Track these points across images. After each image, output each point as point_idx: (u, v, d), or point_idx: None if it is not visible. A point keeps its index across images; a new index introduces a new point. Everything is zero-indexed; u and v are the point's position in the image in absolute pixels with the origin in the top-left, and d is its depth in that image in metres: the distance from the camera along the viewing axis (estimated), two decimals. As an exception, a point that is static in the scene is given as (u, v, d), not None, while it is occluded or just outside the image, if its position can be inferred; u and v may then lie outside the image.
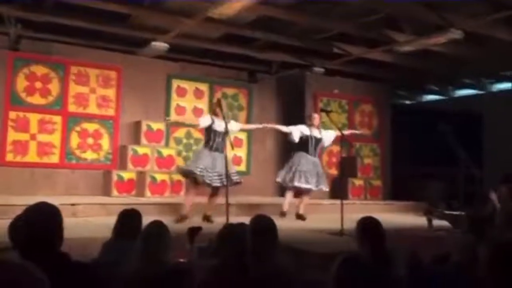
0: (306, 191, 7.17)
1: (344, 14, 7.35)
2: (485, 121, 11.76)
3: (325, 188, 7.38)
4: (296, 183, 6.99)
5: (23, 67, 7.97)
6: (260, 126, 7.75)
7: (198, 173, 6.17)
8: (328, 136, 7.33)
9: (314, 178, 7.06)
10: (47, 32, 8.02)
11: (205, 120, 6.55)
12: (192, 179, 6.37)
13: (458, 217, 6.04)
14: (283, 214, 6.97)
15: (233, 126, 6.80)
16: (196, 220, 5.93)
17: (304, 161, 7.07)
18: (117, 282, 2.20)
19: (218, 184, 6.26)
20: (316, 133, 7.23)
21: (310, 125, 7.28)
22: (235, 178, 6.45)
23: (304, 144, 7.15)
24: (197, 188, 6.42)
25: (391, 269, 2.55)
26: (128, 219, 3.16)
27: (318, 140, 7.21)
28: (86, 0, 6.80)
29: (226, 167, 5.74)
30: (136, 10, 7.15)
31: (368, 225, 2.91)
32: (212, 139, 6.40)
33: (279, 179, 7.24)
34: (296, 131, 7.17)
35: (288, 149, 9.85)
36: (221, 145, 6.32)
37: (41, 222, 1.91)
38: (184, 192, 8.43)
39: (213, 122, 6.40)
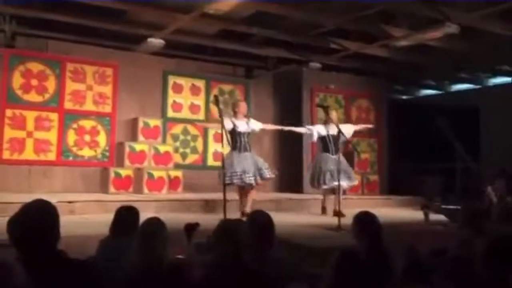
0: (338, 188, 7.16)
1: (341, 9, 7.33)
2: (482, 115, 11.78)
3: (353, 182, 7.38)
4: (323, 186, 7.06)
5: (19, 64, 7.94)
6: (279, 127, 7.76)
7: (239, 182, 6.36)
8: (346, 129, 7.18)
9: (342, 175, 6.91)
10: (42, 29, 7.99)
11: (227, 124, 6.46)
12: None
13: (454, 211, 6.07)
14: (324, 210, 7.19)
15: (254, 125, 6.78)
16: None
17: (325, 161, 7.09)
18: (114, 279, 2.20)
19: (253, 182, 6.44)
20: (333, 130, 7.07)
21: (326, 122, 7.22)
22: (268, 173, 6.62)
23: (324, 144, 7.22)
24: (242, 189, 6.55)
25: (388, 263, 2.56)
26: (125, 216, 3.15)
27: (336, 138, 7.10)
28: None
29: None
30: (132, 7, 7.12)
31: (365, 220, 2.92)
32: (239, 140, 6.49)
33: (315, 186, 7.28)
34: (314, 132, 7.21)
35: (284, 146, 9.93)
36: (248, 144, 6.53)
37: (37, 220, 1.90)
38: (181, 188, 8.49)
39: (234, 124, 6.44)
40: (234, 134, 6.47)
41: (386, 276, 2.43)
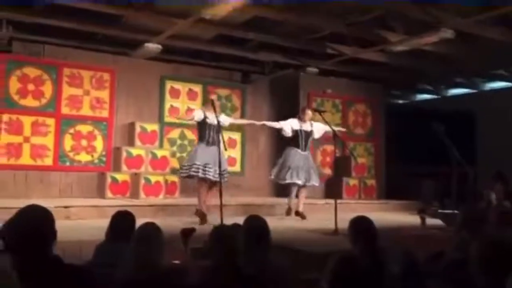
0: (301, 187, 7.17)
1: (337, 14, 7.37)
2: (478, 120, 11.83)
3: (316, 183, 7.29)
4: (288, 180, 7.00)
5: (15, 69, 7.93)
6: (250, 122, 7.74)
7: (200, 175, 6.23)
8: (318, 128, 7.31)
9: (305, 173, 7.05)
10: (39, 34, 7.99)
11: (198, 114, 6.53)
12: (197, 178, 6.38)
13: (451, 215, 6.07)
14: (288, 211, 7.05)
15: (224, 120, 6.79)
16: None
17: (294, 156, 7.08)
18: (110, 284, 2.20)
19: (211, 178, 6.26)
20: (306, 126, 7.23)
21: (301, 119, 7.28)
22: (225, 176, 6.37)
23: (295, 139, 7.19)
24: (205, 184, 6.40)
25: (384, 268, 2.56)
26: (121, 221, 3.15)
27: (309, 134, 7.22)
28: (78, 1, 6.77)
29: (220, 162, 5.72)
30: (129, 12, 7.13)
31: (360, 225, 2.92)
32: (207, 133, 6.42)
33: (272, 177, 7.26)
34: (288, 126, 7.20)
35: (281, 147, 9.92)
36: (217, 139, 6.34)
37: (31, 225, 1.89)
38: (178, 193, 8.46)
39: (206, 116, 6.41)
40: (203, 126, 6.43)
41: (382, 281, 2.43)
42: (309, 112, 7.35)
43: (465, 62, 9.73)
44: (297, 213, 7.10)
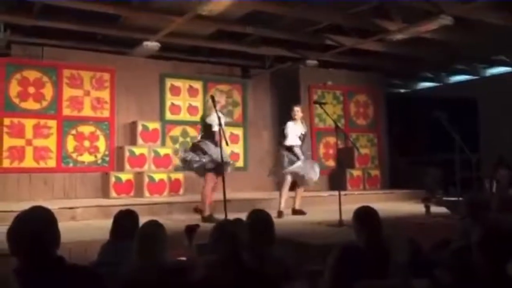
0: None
1: (334, 6, 7.34)
2: (480, 106, 11.78)
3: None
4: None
5: (15, 72, 7.93)
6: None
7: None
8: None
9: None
10: (37, 36, 8.00)
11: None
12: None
13: (455, 202, 6.07)
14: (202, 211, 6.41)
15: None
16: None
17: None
18: (115, 283, 2.21)
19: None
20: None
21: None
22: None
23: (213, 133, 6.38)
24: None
25: (388, 258, 2.56)
26: (125, 220, 3.16)
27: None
28: (74, 2, 6.76)
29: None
30: (126, 11, 7.12)
31: (365, 215, 2.92)
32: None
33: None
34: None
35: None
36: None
37: (32, 227, 1.89)
38: (182, 190, 8.48)
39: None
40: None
41: (387, 270, 2.43)
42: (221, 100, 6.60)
43: (465, 49, 9.68)
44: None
